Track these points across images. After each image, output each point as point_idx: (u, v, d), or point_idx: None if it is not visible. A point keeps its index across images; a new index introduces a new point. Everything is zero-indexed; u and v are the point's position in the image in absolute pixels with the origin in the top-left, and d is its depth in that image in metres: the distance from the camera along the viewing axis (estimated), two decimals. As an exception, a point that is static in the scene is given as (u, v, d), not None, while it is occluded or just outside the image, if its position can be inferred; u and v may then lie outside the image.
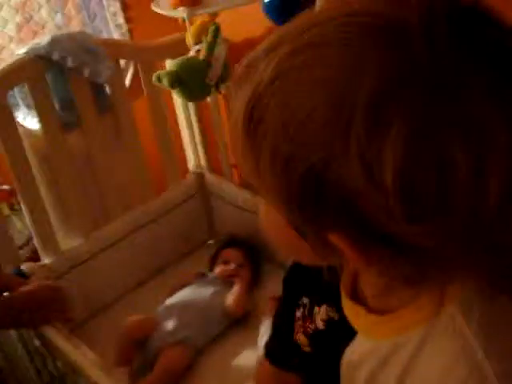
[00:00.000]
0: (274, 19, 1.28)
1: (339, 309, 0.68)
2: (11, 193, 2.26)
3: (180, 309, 1.86)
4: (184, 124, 2.22)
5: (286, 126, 0.50)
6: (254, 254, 2.04)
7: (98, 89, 1.95)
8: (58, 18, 2.25)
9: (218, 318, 1.86)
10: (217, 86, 1.57)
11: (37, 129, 1.91)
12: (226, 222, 2.24)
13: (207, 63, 1.51)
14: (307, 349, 0.84)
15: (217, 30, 1.44)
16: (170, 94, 2.15)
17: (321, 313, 0.81)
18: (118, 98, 1.99)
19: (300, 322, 0.85)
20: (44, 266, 1.89)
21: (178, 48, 2.09)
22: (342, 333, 0.66)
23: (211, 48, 1.46)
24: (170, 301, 1.90)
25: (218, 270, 1.99)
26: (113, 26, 2.23)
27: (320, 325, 0.81)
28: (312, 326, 0.83)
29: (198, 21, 1.71)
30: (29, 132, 1.92)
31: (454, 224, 0.47)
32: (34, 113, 1.87)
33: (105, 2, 2.21)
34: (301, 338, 0.85)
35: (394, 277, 0.55)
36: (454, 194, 0.46)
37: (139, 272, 2.15)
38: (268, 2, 1.24)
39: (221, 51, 1.46)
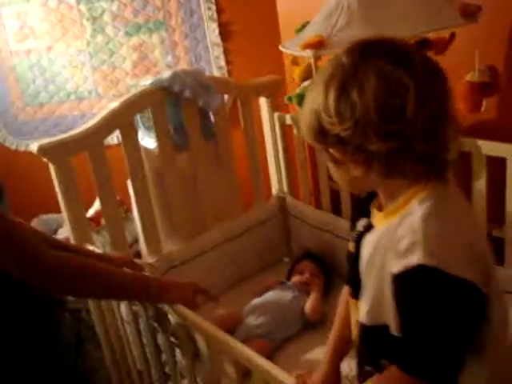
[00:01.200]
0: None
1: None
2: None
3: (264, 308, 2.14)
4: (271, 154, 2.56)
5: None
6: (325, 266, 2.33)
7: (205, 117, 2.31)
8: (169, 58, 2.64)
9: (296, 319, 2.14)
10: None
11: (153, 148, 2.27)
12: (301, 241, 2.53)
13: None
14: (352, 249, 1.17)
15: None
16: (261, 126, 2.51)
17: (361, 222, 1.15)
18: (221, 127, 2.35)
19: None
20: (148, 264, 2.22)
21: (272, 87, 2.47)
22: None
23: None
24: (255, 301, 2.20)
25: (294, 278, 2.28)
26: (215, 67, 2.61)
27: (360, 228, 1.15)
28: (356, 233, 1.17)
29: (304, 64, 2.07)
30: (145, 150, 2.28)
31: (411, 129, 0.89)
32: (152, 134, 2.23)
33: (210, 47, 2.60)
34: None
35: (389, 180, 0.98)
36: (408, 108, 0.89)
37: (225, 278, 2.45)
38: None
39: None
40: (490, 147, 1.81)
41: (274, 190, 2.64)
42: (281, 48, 1.54)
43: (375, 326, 1.06)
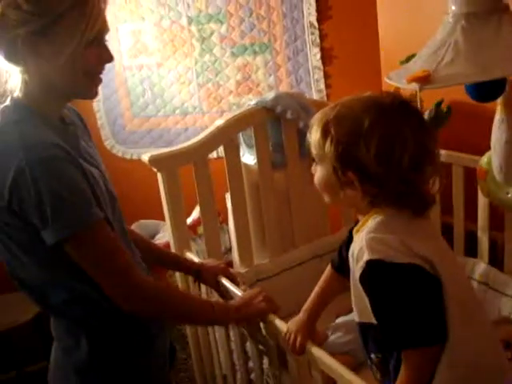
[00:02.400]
0: (473, 98, 1.68)
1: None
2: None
3: (348, 327, 2.21)
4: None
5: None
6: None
7: (302, 138, 2.41)
8: (271, 79, 2.77)
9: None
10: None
11: (252, 164, 2.39)
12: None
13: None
14: None
15: (438, 104, 2.03)
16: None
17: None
18: (317, 148, 2.44)
19: None
20: (239, 274, 2.33)
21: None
22: None
23: (428, 113, 1.92)
24: (341, 319, 2.26)
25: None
26: (314, 90, 2.71)
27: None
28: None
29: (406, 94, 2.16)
30: (245, 166, 2.40)
31: (395, 171, 1.14)
32: (253, 151, 2.35)
33: (311, 70, 2.70)
34: None
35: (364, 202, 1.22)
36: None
37: (308, 296, 2.52)
38: (468, 86, 1.63)
39: (427, 117, 1.90)
40: None
41: (364, 213, 2.70)
42: (386, 80, 1.62)
43: (366, 322, 1.31)
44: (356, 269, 1.22)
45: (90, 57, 1.28)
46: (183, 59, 2.85)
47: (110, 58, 1.33)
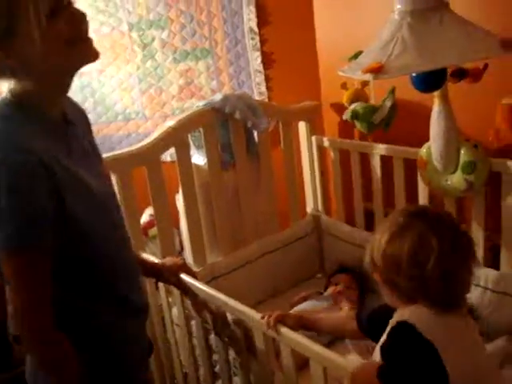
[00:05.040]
0: (419, 89, 1.81)
1: None
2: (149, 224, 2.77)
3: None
4: (308, 174, 2.74)
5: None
6: (359, 279, 2.48)
7: (249, 137, 2.49)
8: (214, 83, 2.83)
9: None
10: (383, 127, 2.12)
11: (202, 164, 2.44)
12: (335, 257, 2.68)
13: (377, 110, 2.12)
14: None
15: (392, 91, 2.09)
16: (299, 148, 2.69)
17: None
18: (264, 147, 2.53)
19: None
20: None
21: (311, 112, 2.67)
22: None
23: (383, 101, 2.03)
24: (295, 309, 2.34)
25: (330, 289, 2.43)
26: (256, 93, 2.79)
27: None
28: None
29: (352, 88, 2.28)
30: (195, 166, 2.45)
31: (426, 280, 1.26)
32: (201, 152, 2.41)
33: (252, 74, 2.79)
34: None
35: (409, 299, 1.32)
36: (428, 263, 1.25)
37: (262, 291, 2.60)
38: (415, 77, 1.76)
39: (387, 105, 2.00)
40: (520, 168, 1.98)
41: (309, 209, 2.80)
42: (339, 73, 1.73)
43: None
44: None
45: (60, 26, 1.21)
46: (125, 65, 2.86)
47: (81, 17, 1.26)
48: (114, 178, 2.13)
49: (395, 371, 1.27)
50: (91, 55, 1.33)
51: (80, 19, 1.27)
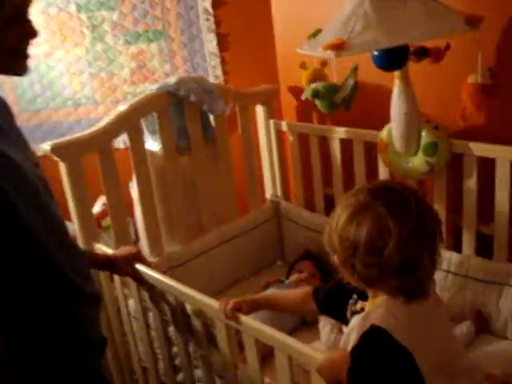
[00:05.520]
0: (380, 67, 1.76)
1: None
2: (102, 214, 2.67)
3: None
4: (267, 159, 2.67)
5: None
6: (322, 267, 2.43)
7: (206, 122, 2.41)
8: (167, 66, 2.73)
9: (292, 316, 2.23)
10: (345, 106, 2.08)
11: (156, 150, 2.34)
12: (295, 243, 2.63)
13: (339, 88, 2.05)
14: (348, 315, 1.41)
15: (355, 69, 2.01)
16: (257, 132, 2.63)
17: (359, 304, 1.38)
18: (221, 132, 2.45)
19: (351, 304, 1.40)
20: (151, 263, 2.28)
21: (269, 95, 2.60)
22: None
23: (346, 79, 1.97)
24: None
25: (293, 277, 2.38)
26: (212, 76, 2.70)
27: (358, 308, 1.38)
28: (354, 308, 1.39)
29: (311, 68, 2.21)
30: (149, 153, 2.35)
31: (386, 265, 1.15)
32: (156, 137, 2.31)
33: (207, 57, 2.70)
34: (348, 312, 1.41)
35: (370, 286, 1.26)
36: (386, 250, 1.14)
37: (222, 280, 2.53)
38: (376, 55, 1.71)
39: (350, 83, 1.94)
40: (480, 149, 1.95)
41: (269, 195, 2.74)
42: (298, 50, 1.66)
43: None
44: (358, 325, 1.27)
45: (11, 35, 1.19)
46: (73, 48, 2.72)
47: (33, 34, 1.24)
48: (62, 167, 2.03)
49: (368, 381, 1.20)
50: (21, 70, 1.27)
51: (32, 35, 1.23)
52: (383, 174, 2.26)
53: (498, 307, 1.97)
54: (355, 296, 1.39)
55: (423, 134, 2.01)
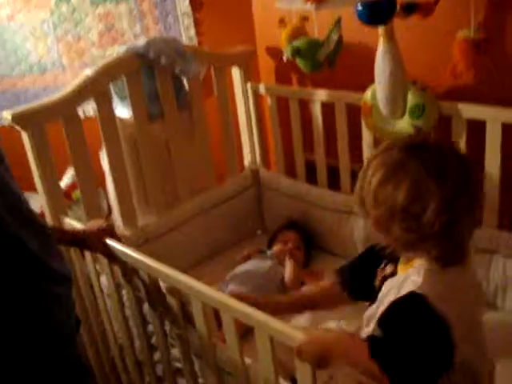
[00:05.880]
0: (365, 21, 1.63)
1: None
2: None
3: (245, 276, 2.14)
4: (244, 124, 2.55)
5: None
6: (306, 238, 2.34)
7: (179, 86, 2.27)
8: (137, 28, 2.57)
9: (276, 287, 2.14)
10: (329, 64, 1.97)
11: (126, 117, 2.21)
12: (275, 212, 2.53)
13: (322, 44, 1.92)
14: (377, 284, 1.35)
15: (339, 21, 1.87)
16: (234, 97, 2.49)
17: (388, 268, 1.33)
18: (195, 96, 2.31)
19: (380, 271, 1.36)
20: (124, 236, 2.16)
21: (245, 57, 2.46)
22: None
23: (329, 34, 1.83)
24: (236, 270, 2.19)
25: (277, 247, 2.27)
26: (185, 38, 2.55)
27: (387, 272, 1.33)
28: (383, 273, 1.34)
29: (292, 25, 2.07)
30: (119, 120, 2.21)
31: (426, 229, 1.09)
32: (126, 103, 2.18)
33: (180, 17, 2.54)
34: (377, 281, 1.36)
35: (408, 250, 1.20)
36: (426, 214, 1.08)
37: (200, 251, 2.43)
38: (361, 8, 1.59)
39: (334, 38, 1.81)
40: (470, 110, 1.84)
41: (247, 162, 2.62)
42: (277, 5, 1.53)
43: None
44: (393, 289, 1.23)
45: None
46: (37, 10, 2.56)
47: None
48: (25, 136, 1.90)
49: (396, 348, 1.11)
50: None
51: None
52: (367, 139, 2.15)
53: (487, 276, 1.89)
54: (383, 262, 1.35)
55: (409, 95, 1.89)
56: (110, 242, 1.71)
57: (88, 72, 2.02)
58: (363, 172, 1.18)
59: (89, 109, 2.56)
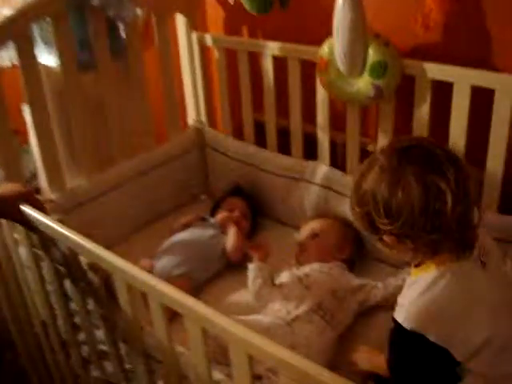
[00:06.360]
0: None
1: None
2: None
3: (182, 246, 1.95)
4: (189, 79, 2.31)
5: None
6: (255, 207, 2.15)
7: (114, 33, 2.02)
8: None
9: (217, 258, 1.97)
10: (281, 3, 1.78)
11: (53, 66, 1.95)
12: (221, 176, 2.33)
13: None
14: None
15: None
16: (177, 47, 2.25)
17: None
18: (133, 44, 2.07)
19: None
20: (51, 201, 1.93)
21: (190, 3, 2.22)
22: None
23: None
24: (172, 239, 1.99)
25: (221, 215, 2.08)
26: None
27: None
28: None
29: None
30: (44, 69, 1.96)
31: (449, 223, 1.09)
32: (52, 50, 1.92)
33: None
34: None
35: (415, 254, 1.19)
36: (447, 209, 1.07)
37: (137, 217, 2.22)
38: None
39: None
40: (436, 70, 1.67)
41: (191, 120, 2.40)
42: None
43: None
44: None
45: None
46: None
47: None
48: None
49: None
50: None
51: None
52: (322, 99, 1.95)
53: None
54: None
55: (370, 51, 1.70)
56: (25, 208, 1.49)
57: (5, 11, 1.75)
58: (356, 184, 1.18)
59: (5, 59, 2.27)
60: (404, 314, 1.16)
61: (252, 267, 1.79)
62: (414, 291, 1.18)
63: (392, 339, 1.22)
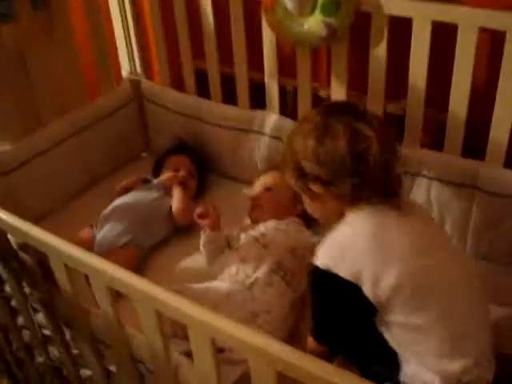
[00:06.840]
0: None
1: None
2: None
3: (124, 211, 1.80)
4: (120, 26, 2.11)
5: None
6: (201, 163, 2.01)
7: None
8: None
9: (162, 222, 1.83)
10: None
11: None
12: (162, 131, 2.17)
13: None
14: None
15: None
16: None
17: None
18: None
19: None
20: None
21: None
22: None
23: None
24: (113, 205, 1.83)
25: (165, 175, 1.92)
26: None
27: None
28: None
29: None
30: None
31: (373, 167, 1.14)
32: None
33: None
34: None
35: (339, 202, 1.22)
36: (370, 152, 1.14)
37: (73, 182, 2.04)
38: None
39: None
40: (394, 5, 1.53)
41: (125, 72, 2.20)
42: None
43: None
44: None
45: None
46: None
47: None
48: None
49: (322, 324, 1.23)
50: None
51: None
52: (269, 41, 1.80)
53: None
54: None
55: (321, -14, 1.55)
56: None
57: None
58: (290, 146, 1.23)
59: None
60: (317, 253, 1.19)
61: (203, 239, 1.66)
62: (330, 234, 1.22)
63: (308, 281, 1.27)
